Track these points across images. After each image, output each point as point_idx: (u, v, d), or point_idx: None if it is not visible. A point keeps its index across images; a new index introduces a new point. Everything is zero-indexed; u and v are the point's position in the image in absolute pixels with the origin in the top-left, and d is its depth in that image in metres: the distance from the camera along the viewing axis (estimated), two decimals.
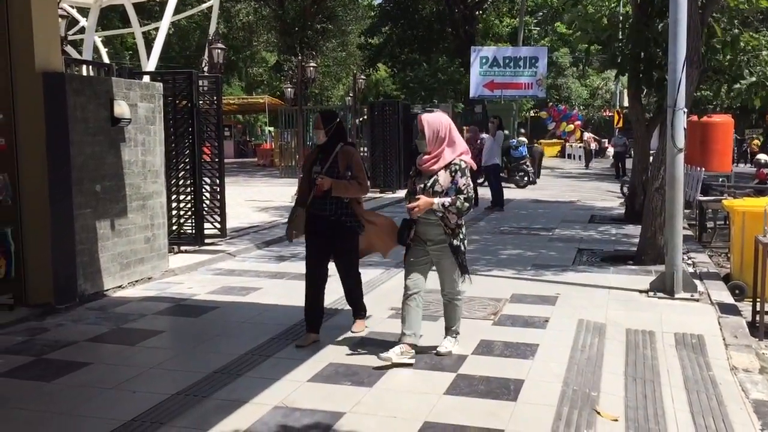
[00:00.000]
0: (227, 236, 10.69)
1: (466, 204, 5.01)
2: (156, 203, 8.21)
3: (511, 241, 11.00)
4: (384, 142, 19.08)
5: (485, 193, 15.37)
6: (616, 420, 4.28)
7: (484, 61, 30.50)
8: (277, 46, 41.05)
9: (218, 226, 10.43)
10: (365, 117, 22.19)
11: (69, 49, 16.70)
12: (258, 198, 16.32)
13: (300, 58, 19.14)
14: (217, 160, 10.35)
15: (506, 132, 21.61)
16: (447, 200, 4.96)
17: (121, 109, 7.38)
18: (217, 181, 10.40)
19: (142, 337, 5.90)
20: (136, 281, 7.83)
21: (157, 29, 20.36)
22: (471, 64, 30.70)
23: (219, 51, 12.09)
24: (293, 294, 5.09)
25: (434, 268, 5.26)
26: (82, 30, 21.07)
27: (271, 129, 40.01)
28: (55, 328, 6.19)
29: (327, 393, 4.62)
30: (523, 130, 27.11)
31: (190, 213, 9.83)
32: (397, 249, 5.58)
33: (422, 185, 5.05)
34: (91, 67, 8.39)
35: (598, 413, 4.35)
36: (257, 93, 43.90)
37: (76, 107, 6.90)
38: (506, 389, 4.68)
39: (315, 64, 19.32)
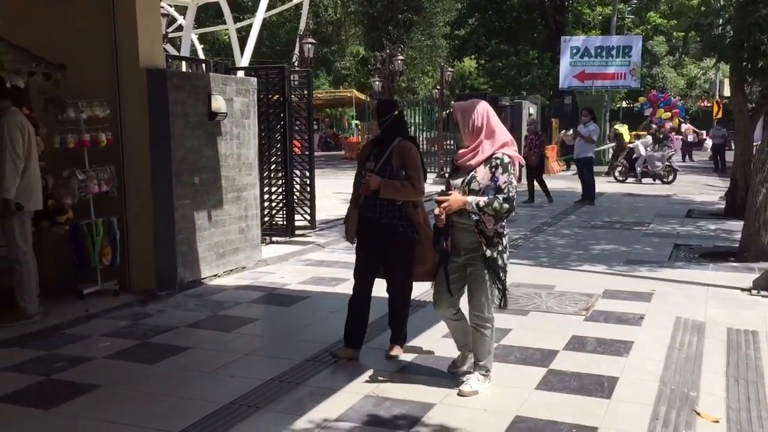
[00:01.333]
0: (316, 228, 10.88)
1: (506, 205, 4.18)
2: (250, 195, 8.46)
3: (603, 235, 10.72)
4: None
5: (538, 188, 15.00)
6: (717, 422, 4.12)
7: (574, 51, 29.73)
8: (364, 40, 41.36)
9: (308, 217, 10.63)
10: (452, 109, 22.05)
11: (168, 46, 17.38)
12: (345, 190, 16.33)
13: (387, 51, 19.21)
14: (307, 153, 10.55)
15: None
16: (483, 199, 4.18)
17: (218, 103, 7.63)
18: (307, 173, 10.60)
19: (238, 324, 6.10)
20: (231, 270, 8.09)
21: (249, 26, 20.89)
22: (561, 54, 30.00)
23: (309, 46, 12.31)
24: (381, 285, 5.13)
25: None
26: (179, 28, 21.87)
27: (358, 122, 40.40)
28: (156, 313, 6.49)
29: (417, 384, 4.65)
30: (617, 126, 26.23)
31: (281, 205, 10.08)
32: None
33: (458, 182, 4.34)
34: (190, 63, 8.70)
35: (698, 414, 4.20)
36: (344, 87, 44.40)
37: (177, 102, 7.18)
38: (600, 386, 4.58)
39: (402, 57, 19.34)
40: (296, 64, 13.81)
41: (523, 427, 4.02)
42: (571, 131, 15.73)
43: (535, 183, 14.83)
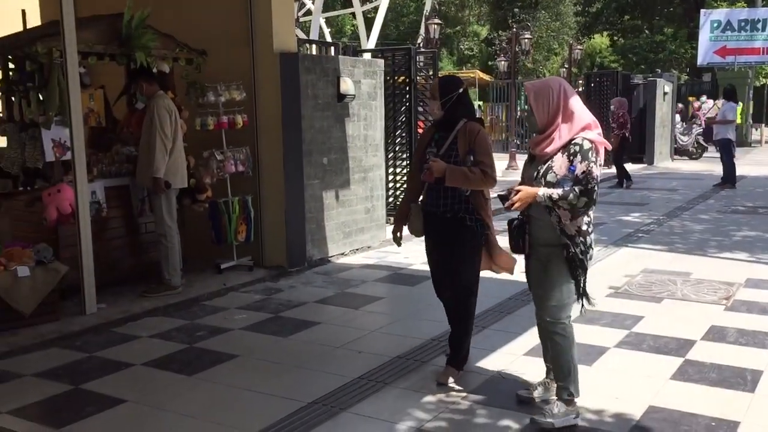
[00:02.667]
0: None
1: (583, 199, 3.57)
2: (375, 176, 8.59)
3: (746, 221, 10.05)
4: (600, 114, 18.23)
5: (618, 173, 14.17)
6: None
7: (715, 25, 27.89)
8: (489, 20, 40.69)
9: None
10: (581, 89, 21.35)
11: (297, 31, 17.85)
12: None
13: (513, 30, 18.84)
14: None
15: (740, 103, 19.60)
16: (557, 192, 3.61)
17: (347, 85, 7.77)
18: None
19: (364, 301, 6.24)
20: (357, 249, 8.26)
21: (375, 9, 21.08)
22: (699, 28, 28.26)
23: (435, 26, 12.27)
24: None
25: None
26: (308, 12, 22.43)
27: (480, 103, 39.92)
28: (288, 289, 6.74)
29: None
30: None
31: (405, 185, 10.15)
32: None
33: (534, 173, 3.77)
34: (319, 46, 8.90)
35: None
36: (467, 68, 43.95)
37: (308, 85, 7.38)
38: (742, 379, 4.33)
39: (530, 36, 18.90)
40: (421, 45, 13.80)
41: (657, 418, 3.87)
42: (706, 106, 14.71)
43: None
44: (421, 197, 4.45)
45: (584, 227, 3.70)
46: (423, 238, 4.51)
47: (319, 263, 7.63)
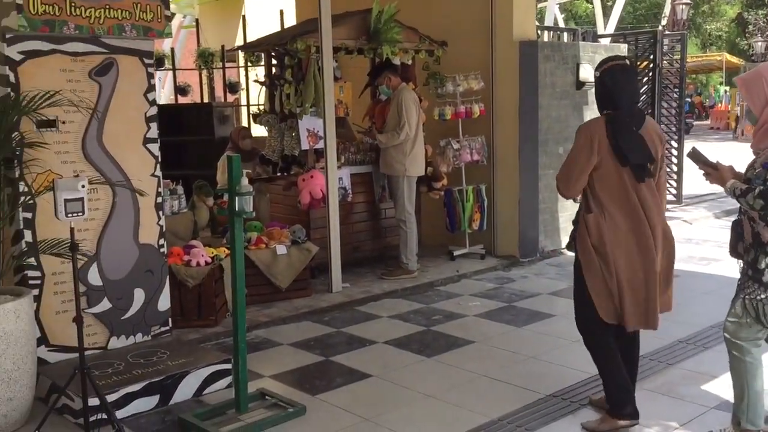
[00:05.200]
0: (682, 203, 10.19)
1: (759, 201, 3.09)
2: None
3: None
4: None
5: None
6: None
7: None
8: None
9: (674, 192, 10.00)
10: None
11: None
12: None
13: None
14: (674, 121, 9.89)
15: None
16: (740, 187, 3.18)
17: (587, 72, 7.51)
18: (674, 144, 9.94)
19: None
20: None
21: None
22: None
23: (684, 6, 11.41)
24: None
25: None
26: None
27: (727, 89, 36.51)
28: (520, 279, 6.72)
29: None
30: None
31: None
32: None
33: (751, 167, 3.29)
34: (559, 33, 8.70)
35: None
36: (711, 51, 40.37)
37: (546, 73, 7.26)
38: None
39: None
40: (665, 27, 12.93)
41: None
42: None
43: None
44: None
45: None
46: None
47: (551, 254, 7.50)
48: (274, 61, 7.06)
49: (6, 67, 3.97)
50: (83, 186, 3.31)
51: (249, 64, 10.06)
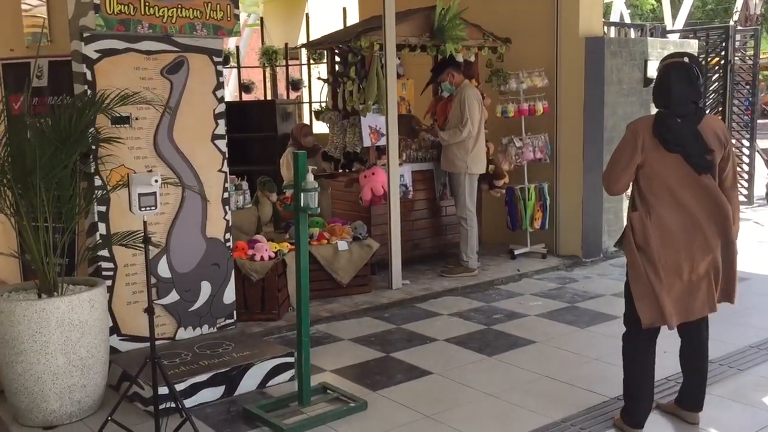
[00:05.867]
0: (754, 203, 9.85)
1: None
2: None
3: None
4: None
5: None
6: None
7: None
8: None
9: (744, 192, 9.67)
10: None
11: None
12: None
13: None
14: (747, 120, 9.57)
15: None
16: None
17: (655, 69, 7.32)
18: (746, 142, 9.62)
19: None
20: None
21: None
22: None
23: (757, 1, 11.01)
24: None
25: None
26: None
27: None
28: (582, 279, 6.61)
29: None
30: None
31: None
32: None
33: None
34: (626, 28, 8.52)
35: None
36: None
37: (612, 69, 7.11)
38: None
39: None
40: (737, 23, 12.50)
41: None
42: None
43: None
44: None
45: None
46: None
47: (614, 255, 7.34)
48: (337, 59, 7.12)
49: (83, 65, 4.12)
50: (156, 181, 3.41)
51: (311, 61, 10.17)
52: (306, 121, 10.81)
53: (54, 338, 3.63)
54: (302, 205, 3.75)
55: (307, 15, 10.99)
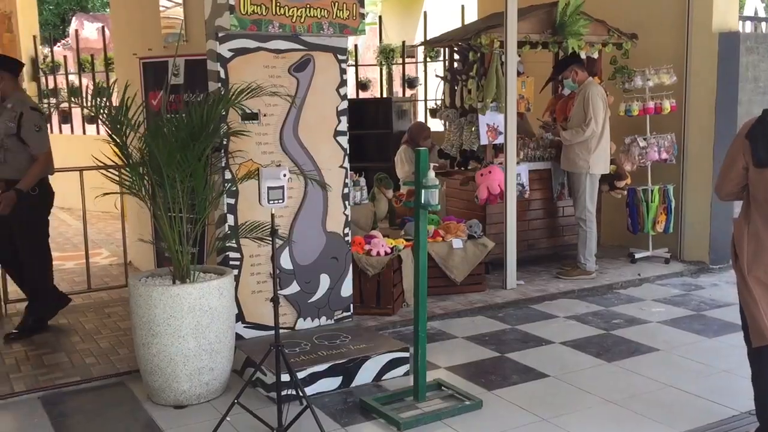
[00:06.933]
0: None
1: None
2: None
3: None
4: None
5: None
6: None
7: None
8: None
9: None
10: None
11: None
12: None
13: None
14: None
15: None
16: None
17: None
18: None
19: None
20: None
21: None
22: None
23: None
24: None
25: None
26: None
27: None
28: (710, 287, 6.30)
29: None
30: None
31: None
32: None
33: None
34: (761, 23, 8.03)
35: None
36: None
37: (747, 66, 6.73)
38: None
39: None
40: None
41: None
42: None
43: None
44: None
45: None
46: None
47: None
48: (456, 56, 7.10)
49: (217, 63, 4.32)
50: (285, 175, 3.53)
51: (428, 59, 10.21)
52: (421, 118, 10.86)
53: (186, 322, 3.83)
54: (423, 201, 3.78)
55: (424, 13, 11.03)
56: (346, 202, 4.89)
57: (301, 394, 3.61)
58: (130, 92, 4.00)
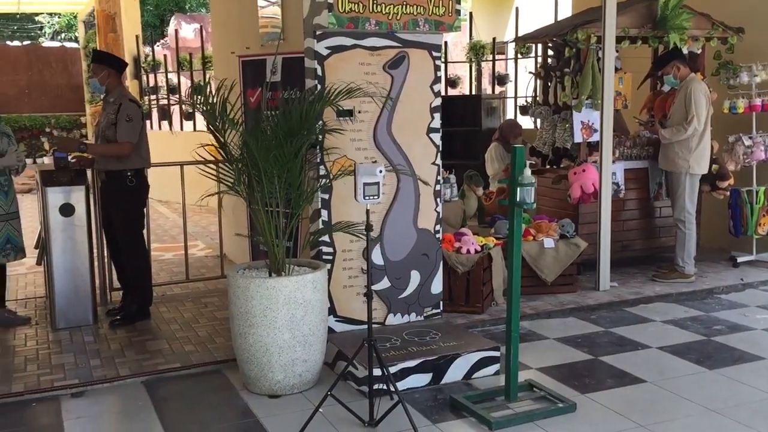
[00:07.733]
0: None
1: None
2: None
3: None
4: None
5: None
6: None
7: None
8: None
9: None
10: None
11: None
12: None
13: None
14: None
15: None
16: None
17: None
18: None
19: None
20: None
21: None
22: None
23: None
24: None
25: None
26: None
27: None
28: None
29: None
30: None
31: None
32: None
33: None
34: None
35: None
36: None
37: None
38: None
39: None
40: None
41: None
42: None
43: None
44: None
45: None
46: None
47: None
48: (550, 52, 6.96)
49: (315, 61, 4.39)
50: (380, 171, 3.56)
51: (519, 55, 10.06)
52: (510, 115, 10.70)
53: (281, 314, 3.92)
54: (518, 199, 3.73)
55: (516, 9, 10.86)
56: (438, 199, 4.88)
57: (393, 389, 3.63)
58: (232, 90, 4.12)
